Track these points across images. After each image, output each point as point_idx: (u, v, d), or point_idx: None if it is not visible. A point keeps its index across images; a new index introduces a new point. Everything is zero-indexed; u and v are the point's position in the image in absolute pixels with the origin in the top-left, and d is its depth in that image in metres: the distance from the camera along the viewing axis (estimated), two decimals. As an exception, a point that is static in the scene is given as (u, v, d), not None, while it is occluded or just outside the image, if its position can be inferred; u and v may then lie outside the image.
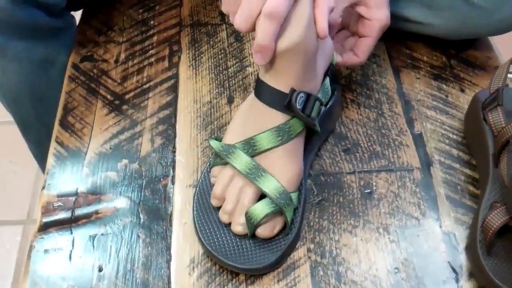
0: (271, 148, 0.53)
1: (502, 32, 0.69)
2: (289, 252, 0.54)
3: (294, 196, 0.53)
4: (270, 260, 0.51)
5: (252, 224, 0.51)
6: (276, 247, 0.52)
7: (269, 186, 0.52)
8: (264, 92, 0.53)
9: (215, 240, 0.52)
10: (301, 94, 0.52)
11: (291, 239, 0.53)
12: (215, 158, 0.56)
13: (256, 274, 0.52)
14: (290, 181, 0.53)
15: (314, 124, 0.55)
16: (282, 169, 0.53)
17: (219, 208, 0.54)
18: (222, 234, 0.53)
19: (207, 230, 0.53)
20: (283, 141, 0.53)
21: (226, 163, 0.54)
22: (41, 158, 0.89)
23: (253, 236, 0.52)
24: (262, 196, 0.53)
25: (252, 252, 0.52)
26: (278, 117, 0.53)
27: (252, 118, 0.55)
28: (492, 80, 0.61)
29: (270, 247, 0.52)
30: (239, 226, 0.52)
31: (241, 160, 0.53)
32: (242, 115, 0.57)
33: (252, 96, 0.55)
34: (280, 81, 0.52)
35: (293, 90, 0.52)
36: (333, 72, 0.61)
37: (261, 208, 0.51)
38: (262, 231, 0.52)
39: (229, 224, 0.53)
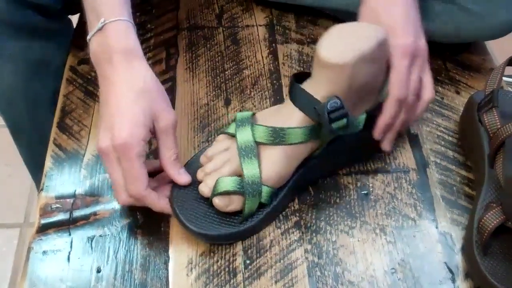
0: (261, 143, 0.54)
1: (496, 37, 0.70)
2: (243, 236, 0.55)
3: (265, 192, 0.54)
4: (221, 232, 0.53)
5: (214, 191, 0.53)
6: (231, 224, 0.54)
7: (249, 170, 0.53)
8: (299, 96, 0.55)
9: (187, 206, 0.55)
10: (336, 100, 0.52)
11: (242, 229, 0.54)
12: (226, 127, 0.58)
13: (204, 240, 0.55)
14: (270, 178, 0.54)
15: (331, 131, 0.53)
16: (270, 164, 0.54)
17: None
18: (195, 203, 0.55)
19: (183, 198, 0.55)
20: (274, 143, 0.54)
21: (233, 135, 0.56)
22: (31, 162, 0.89)
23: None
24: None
25: (211, 221, 0.54)
26: (296, 121, 0.54)
27: (276, 115, 0.56)
28: (487, 82, 0.62)
29: (227, 222, 0.54)
30: (206, 187, 0.54)
31: (245, 136, 0.55)
32: (271, 111, 0.59)
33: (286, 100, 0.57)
34: (318, 91, 0.54)
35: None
36: (372, 114, 0.57)
37: (227, 183, 0.53)
38: (217, 202, 0.53)
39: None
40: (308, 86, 0.55)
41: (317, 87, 0.54)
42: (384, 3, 0.60)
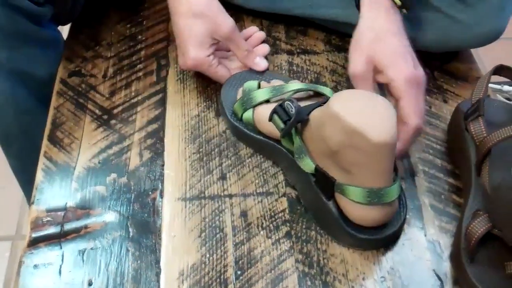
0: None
1: (482, 45, 0.71)
2: (230, 128, 0.67)
3: (248, 114, 0.63)
4: (227, 109, 0.66)
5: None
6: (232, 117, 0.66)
7: (261, 91, 0.63)
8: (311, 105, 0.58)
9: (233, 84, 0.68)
10: (293, 105, 0.57)
11: (230, 120, 0.66)
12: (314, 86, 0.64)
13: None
14: (258, 113, 0.63)
15: (271, 116, 0.59)
16: (268, 109, 0.61)
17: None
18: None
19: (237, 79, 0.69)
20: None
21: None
22: (20, 172, 0.88)
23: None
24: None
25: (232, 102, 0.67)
26: None
27: None
28: (473, 91, 0.62)
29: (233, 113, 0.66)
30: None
31: (296, 86, 0.63)
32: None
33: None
34: (315, 111, 0.56)
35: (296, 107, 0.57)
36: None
37: (250, 83, 0.66)
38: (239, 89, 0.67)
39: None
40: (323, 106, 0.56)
41: (319, 109, 0.56)
42: (379, 35, 0.61)
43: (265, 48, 0.73)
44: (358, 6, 0.65)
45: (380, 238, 0.55)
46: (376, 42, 0.61)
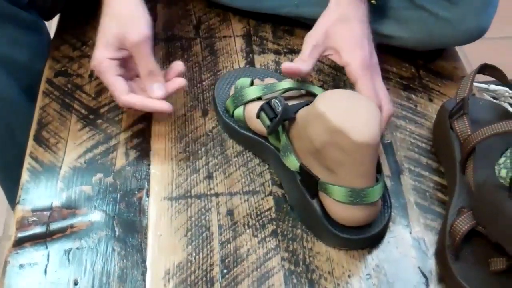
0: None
1: (467, 43, 0.71)
2: (222, 124, 0.67)
3: (239, 110, 0.64)
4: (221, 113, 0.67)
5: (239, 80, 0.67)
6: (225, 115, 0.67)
7: (253, 89, 0.64)
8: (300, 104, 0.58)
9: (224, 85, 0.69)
10: (279, 102, 0.57)
11: (221, 119, 0.67)
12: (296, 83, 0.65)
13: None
14: (248, 111, 0.63)
15: (256, 115, 0.60)
16: (257, 106, 0.61)
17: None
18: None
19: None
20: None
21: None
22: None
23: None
24: None
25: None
26: None
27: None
28: (458, 90, 0.63)
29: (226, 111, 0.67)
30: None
31: (287, 85, 0.64)
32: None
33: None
34: (301, 111, 0.57)
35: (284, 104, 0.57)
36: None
37: (242, 80, 0.66)
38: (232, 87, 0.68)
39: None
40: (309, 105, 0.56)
41: (305, 108, 0.56)
42: (342, 18, 0.63)
43: (182, 82, 0.65)
44: None
45: (364, 238, 0.55)
46: (339, 22, 0.63)
